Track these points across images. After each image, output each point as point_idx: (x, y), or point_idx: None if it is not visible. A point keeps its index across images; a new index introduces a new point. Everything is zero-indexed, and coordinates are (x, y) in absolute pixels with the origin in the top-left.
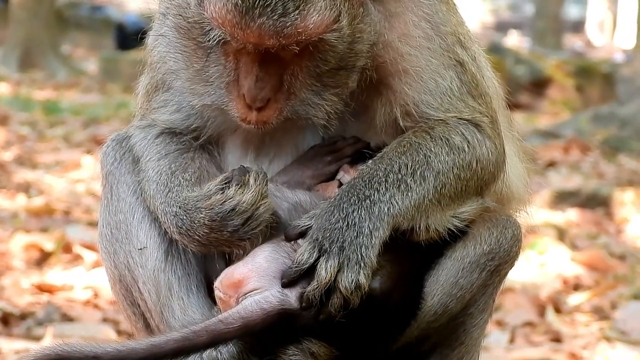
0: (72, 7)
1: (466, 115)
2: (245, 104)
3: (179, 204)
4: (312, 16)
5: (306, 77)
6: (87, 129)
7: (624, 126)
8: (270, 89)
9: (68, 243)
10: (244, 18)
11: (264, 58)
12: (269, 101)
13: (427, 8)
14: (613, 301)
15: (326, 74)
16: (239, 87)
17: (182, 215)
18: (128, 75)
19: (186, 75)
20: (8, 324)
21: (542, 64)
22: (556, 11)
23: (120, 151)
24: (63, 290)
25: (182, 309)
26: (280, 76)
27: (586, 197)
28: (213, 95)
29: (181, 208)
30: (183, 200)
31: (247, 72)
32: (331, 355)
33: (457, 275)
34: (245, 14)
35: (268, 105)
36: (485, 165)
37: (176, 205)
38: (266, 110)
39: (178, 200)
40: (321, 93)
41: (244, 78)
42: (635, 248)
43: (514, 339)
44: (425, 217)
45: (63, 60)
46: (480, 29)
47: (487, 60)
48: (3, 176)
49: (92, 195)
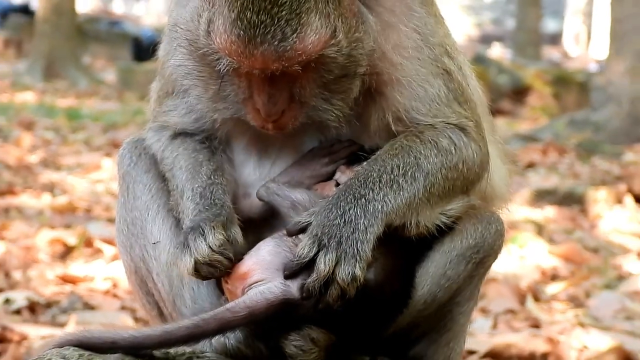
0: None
1: (453, 120)
2: (262, 117)
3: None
4: (309, 37)
5: (314, 87)
6: (106, 134)
7: (598, 130)
8: (283, 102)
9: (89, 238)
10: (248, 47)
11: (272, 77)
12: (284, 111)
13: (417, 20)
14: (587, 290)
15: (331, 82)
16: (254, 102)
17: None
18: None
19: (206, 96)
20: (35, 312)
21: (523, 73)
22: (535, 25)
23: (136, 153)
24: (85, 281)
25: (193, 298)
26: (290, 89)
27: (562, 195)
28: (232, 110)
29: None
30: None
31: (260, 91)
32: (330, 340)
33: (445, 267)
34: (249, 43)
35: (283, 115)
36: (471, 166)
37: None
38: (282, 119)
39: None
40: (329, 99)
41: (257, 95)
42: (607, 242)
43: (496, 325)
44: (415, 214)
45: (84, 71)
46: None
47: (471, 70)
48: (29, 177)
49: (110, 194)
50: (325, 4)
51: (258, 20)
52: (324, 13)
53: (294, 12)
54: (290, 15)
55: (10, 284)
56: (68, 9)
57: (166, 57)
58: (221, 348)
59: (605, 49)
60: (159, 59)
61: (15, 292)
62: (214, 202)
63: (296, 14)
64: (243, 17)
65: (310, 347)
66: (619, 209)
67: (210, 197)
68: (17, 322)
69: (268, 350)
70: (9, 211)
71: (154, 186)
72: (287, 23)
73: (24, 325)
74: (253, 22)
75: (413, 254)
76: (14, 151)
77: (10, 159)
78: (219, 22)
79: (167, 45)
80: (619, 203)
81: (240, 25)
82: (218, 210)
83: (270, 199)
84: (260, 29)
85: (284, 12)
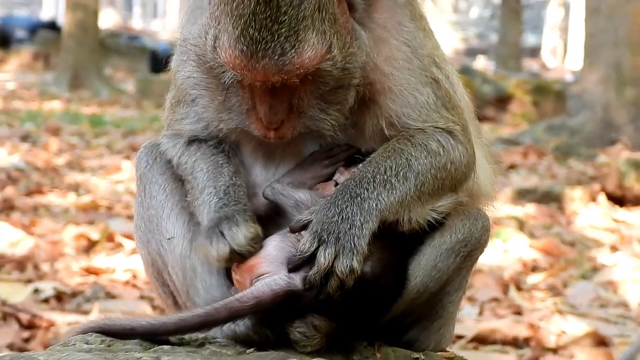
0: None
1: (441, 124)
2: (264, 126)
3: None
4: (306, 52)
5: (311, 98)
6: (125, 139)
7: (573, 135)
8: (282, 112)
9: (111, 233)
10: (250, 61)
11: (273, 89)
12: (283, 121)
13: (406, 34)
14: (564, 281)
15: (327, 93)
16: (256, 112)
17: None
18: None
19: (213, 107)
20: (61, 301)
21: (505, 83)
22: (516, 39)
23: (152, 157)
24: (107, 272)
25: (205, 289)
26: (290, 100)
27: (542, 194)
28: (236, 120)
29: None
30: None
31: (261, 102)
32: (330, 327)
33: (436, 260)
34: (251, 58)
35: (283, 125)
36: (458, 166)
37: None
38: (282, 129)
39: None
40: (326, 110)
41: (259, 106)
42: (583, 236)
43: (482, 312)
44: (407, 211)
45: (105, 82)
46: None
47: (459, 79)
48: (56, 178)
49: (130, 193)
50: (321, 23)
51: (260, 37)
52: (320, 30)
53: (292, 30)
54: (289, 32)
55: (39, 276)
56: (92, 25)
57: (177, 69)
58: (231, 334)
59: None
60: (171, 69)
61: (44, 282)
62: (238, 200)
63: (294, 31)
64: (246, 33)
65: (313, 334)
66: (593, 206)
67: (234, 195)
68: (45, 310)
69: (274, 336)
70: (37, 209)
71: (169, 187)
72: (287, 39)
73: (52, 313)
74: (255, 38)
75: (406, 248)
76: (42, 154)
77: (39, 162)
78: (224, 38)
79: (178, 57)
80: (593, 201)
81: (243, 41)
82: (244, 207)
83: (275, 198)
84: (262, 44)
85: (284, 30)
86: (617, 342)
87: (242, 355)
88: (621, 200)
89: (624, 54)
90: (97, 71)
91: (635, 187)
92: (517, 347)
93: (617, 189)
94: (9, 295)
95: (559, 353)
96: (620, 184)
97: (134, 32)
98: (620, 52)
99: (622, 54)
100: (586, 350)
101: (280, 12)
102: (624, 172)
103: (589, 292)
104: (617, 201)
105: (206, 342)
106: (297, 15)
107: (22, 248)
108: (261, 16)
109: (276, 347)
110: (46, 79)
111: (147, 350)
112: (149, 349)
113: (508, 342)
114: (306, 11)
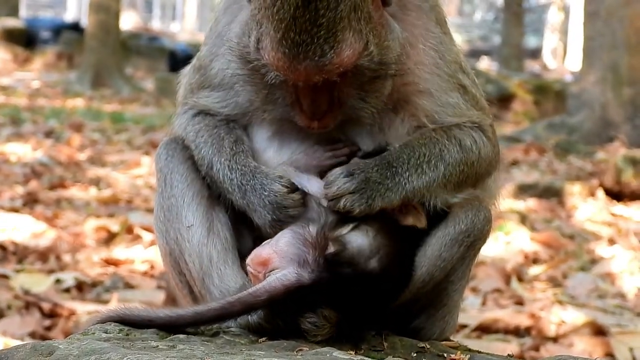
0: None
1: (475, 119)
2: (307, 117)
3: (247, 167)
4: (345, 51)
5: (350, 89)
6: (145, 135)
7: (573, 132)
8: (324, 104)
9: (130, 226)
10: (292, 63)
11: (314, 86)
12: (326, 112)
13: (433, 39)
14: (564, 272)
15: (366, 83)
16: (300, 105)
17: (249, 176)
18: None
19: (258, 100)
20: (82, 291)
21: (507, 83)
22: (518, 41)
23: (171, 150)
24: (126, 263)
25: (220, 278)
26: (331, 93)
27: (542, 189)
28: (281, 111)
29: (249, 171)
30: (253, 167)
31: (304, 97)
32: (339, 317)
33: (441, 250)
34: (293, 60)
35: (326, 116)
36: (485, 164)
37: (245, 167)
38: (325, 119)
39: (246, 164)
40: (365, 98)
41: (302, 100)
42: (582, 230)
43: (485, 302)
44: (433, 196)
45: (126, 80)
46: None
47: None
48: (78, 172)
49: (149, 187)
50: (357, 22)
51: (300, 40)
52: (357, 29)
53: (330, 32)
54: (328, 34)
55: (61, 266)
56: (113, 27)
57: (210, 58)
58: (245, 324)
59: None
60: (200, 57)
61: (65, 273)
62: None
63: (333, 33)
64: (287, 37)
65: (323, 323)
66: (592, 201)
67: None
68: (66, 300)
69: (285, 326)
70: (60, 202)
71: (190, 176)
72: (325, 41)
73: (72, 302)
74: (296, 41)
75: (412, 239)
76: (65, 150)
77: (62, 157)
78: (266, 41)
79: (212, 48)
80: (592, 196)
81: (285, 44)
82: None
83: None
84: (302, 47)
85: (322, 32)
86: (615, 331)
87: (255, 344)
88: (618, 195)
89: (621, 55)
90: (118, 70)
91: (632, 183)
92: (518, 336)
93: (614, 184)
94: (32, 285)
95: (559, 342)
96: (617, 180)
97: (154, 33)
98: (617, 54)
99: (620, 56)
100: (585, 339)
101: (318, 15)
102: (621, 168)
103: (587, 284)
104: (614, 196)
105: (220, 332)
106: (334, 18)
107: (45, 240)
108: (301, 20)
109: (288, 336)
110: (69, 77)
111: (164, 339)
112: (165, 338)
113: (510, 331)
114: (343, 13)
